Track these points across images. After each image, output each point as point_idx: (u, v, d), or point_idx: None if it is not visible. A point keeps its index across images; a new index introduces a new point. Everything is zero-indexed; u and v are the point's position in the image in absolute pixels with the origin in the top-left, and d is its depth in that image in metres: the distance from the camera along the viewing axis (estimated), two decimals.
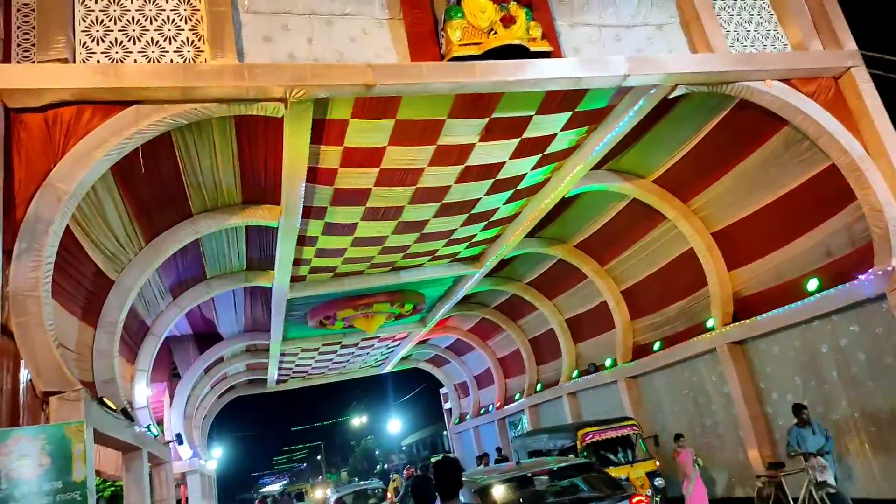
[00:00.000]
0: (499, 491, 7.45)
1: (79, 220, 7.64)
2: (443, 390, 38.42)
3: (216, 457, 30.78)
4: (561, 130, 9.59)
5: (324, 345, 21.30)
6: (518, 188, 11.33)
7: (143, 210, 9.03)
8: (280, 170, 9.02)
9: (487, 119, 8.82)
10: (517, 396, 21.57)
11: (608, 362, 15.68)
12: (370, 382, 69.85)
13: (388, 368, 28.26)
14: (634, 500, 7.48)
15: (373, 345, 23.11)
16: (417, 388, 52.56)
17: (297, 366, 24.29)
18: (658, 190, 12.15)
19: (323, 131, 8.43)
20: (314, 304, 16.34)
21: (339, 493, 19.29)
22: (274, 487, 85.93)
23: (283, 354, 21.54)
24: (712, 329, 11.93)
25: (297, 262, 12.83)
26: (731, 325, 11.51)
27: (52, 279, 6.57)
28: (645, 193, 12.13)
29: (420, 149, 9.24)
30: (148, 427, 11.14)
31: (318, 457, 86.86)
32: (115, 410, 7.86)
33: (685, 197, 12.11)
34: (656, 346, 13.78)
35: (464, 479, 8.25)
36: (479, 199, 11.28)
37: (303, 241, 11.83)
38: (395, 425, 51.75)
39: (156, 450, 10.96)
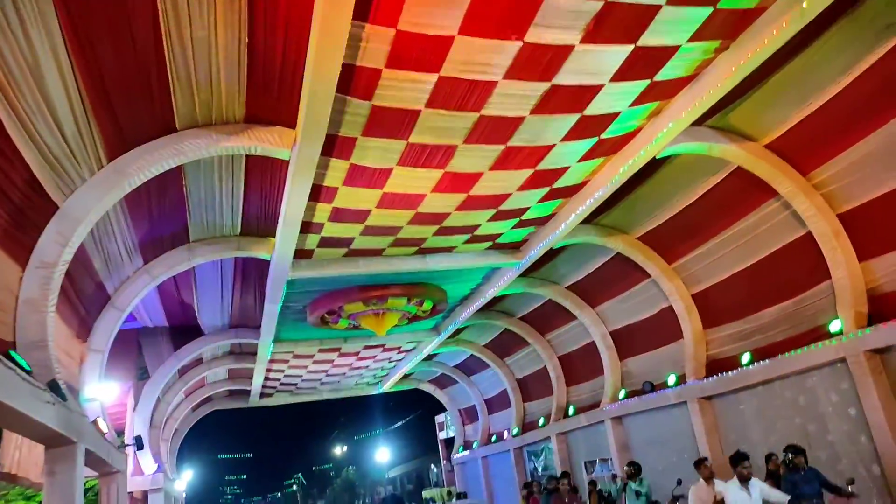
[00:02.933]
0: None
1: None
2: (439, 418, 35.36)
3: (186, 479, 27.46)
4: (687, 41, 7.05)
5: (320, 351, 18.48)
6: (602, 137, 8.76)
7: (104, 99, 6.34)
8: (302, 66, 6.46)
9: (602, 2, 6.26)
10: (541, 422, 18.68)
11: (671, 380, 12.94)
12: (354, 409, 66.46)
13: (386, 387, 25.31)
14: None
15: (375, 356, 20.28)
16: (408, 415, 49.36)
17: (285, 376, 21.36)
18: (770, 157, 9.61)
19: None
20: (317, 293, 13.59)
21: None
22: None
23: (271, 361, 18.69)
24: (838, 334, 9.27)
25: (305, 227, 10.18)
26: (871, 327, 8.84)
27: None
28: (754, 160, 9.57)
29: (500, 45, 6.64)
30: (95, 422, 8.26)
31: (294, 487, 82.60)
32: (28, 373, 5.06)
33: (805, 167, 9.57)
34: (745, 358, 11.08)
35: None
36: (553, 146, 8.69)
37: (318, 193, 9.19)
38: (383, 454, 48.28)
39: (102, 451, 8.07)
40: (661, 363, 13.69)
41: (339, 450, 68.35)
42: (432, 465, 46.97)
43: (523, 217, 11.16)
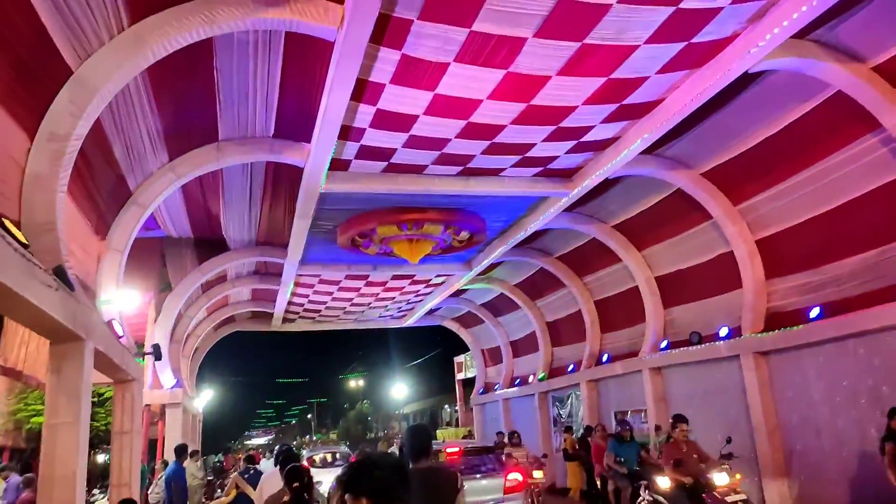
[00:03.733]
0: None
1: None
2: (458, 359, 35.08)
3: (205, 398, 27.58)
4: None
5: (347, 277, 17.81)
6: (693, 41, 7.60)
7: None
8: None
9: None
10: (570, 368, 17.99)
11: (723, 331, 12.03)
12: (373, 343, 66.99)
13: (410, 321, 24.78)
14: (508, 475, 10.10)
15: (402, 287, 19.62)
16: (426, 354, 49.40)
17: (309, 301, 20.85)
18: (878, 81, 8.37)
19: None
20: (350, 212, 12.78)
21: (311, 453, 20.89)
22: (260, 441, 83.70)
23: (297, 284, 18.11)
24: None
25: (345, 132, 9.26)
26: None
27: None
28: (860, 83, 8.37)
29: None
30: (109, 323, 7.62)
31: (309, 415, 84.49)
32: (25, 246, 4.30)
33: None
34: (813, 312, 10.11)
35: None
36: (636, 47, 7.56)
37: (362, 90, 8.21)
38: (399, 390, 48.57)
39: (115, 354, 7.44)
40: (711, 313, 12.77)
41: (354, 382, 69.22)
42: (446, 406, 47.22)
43: (583, 138, 10.10)
